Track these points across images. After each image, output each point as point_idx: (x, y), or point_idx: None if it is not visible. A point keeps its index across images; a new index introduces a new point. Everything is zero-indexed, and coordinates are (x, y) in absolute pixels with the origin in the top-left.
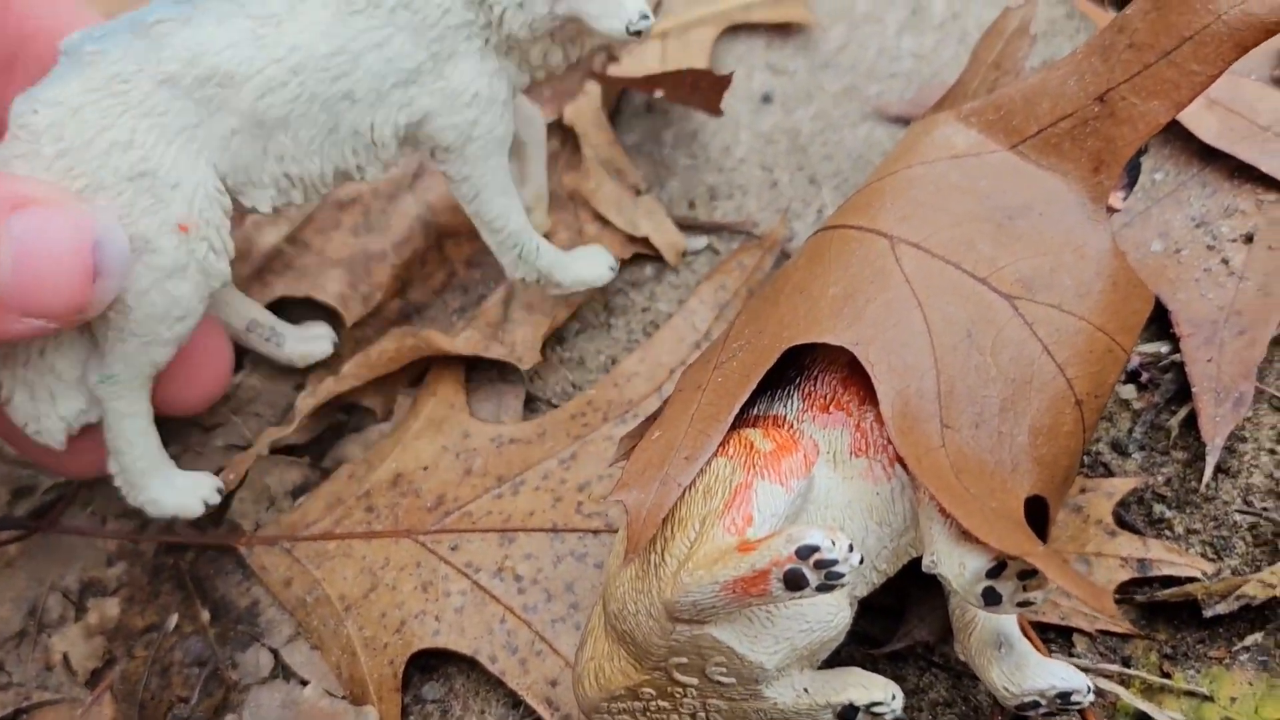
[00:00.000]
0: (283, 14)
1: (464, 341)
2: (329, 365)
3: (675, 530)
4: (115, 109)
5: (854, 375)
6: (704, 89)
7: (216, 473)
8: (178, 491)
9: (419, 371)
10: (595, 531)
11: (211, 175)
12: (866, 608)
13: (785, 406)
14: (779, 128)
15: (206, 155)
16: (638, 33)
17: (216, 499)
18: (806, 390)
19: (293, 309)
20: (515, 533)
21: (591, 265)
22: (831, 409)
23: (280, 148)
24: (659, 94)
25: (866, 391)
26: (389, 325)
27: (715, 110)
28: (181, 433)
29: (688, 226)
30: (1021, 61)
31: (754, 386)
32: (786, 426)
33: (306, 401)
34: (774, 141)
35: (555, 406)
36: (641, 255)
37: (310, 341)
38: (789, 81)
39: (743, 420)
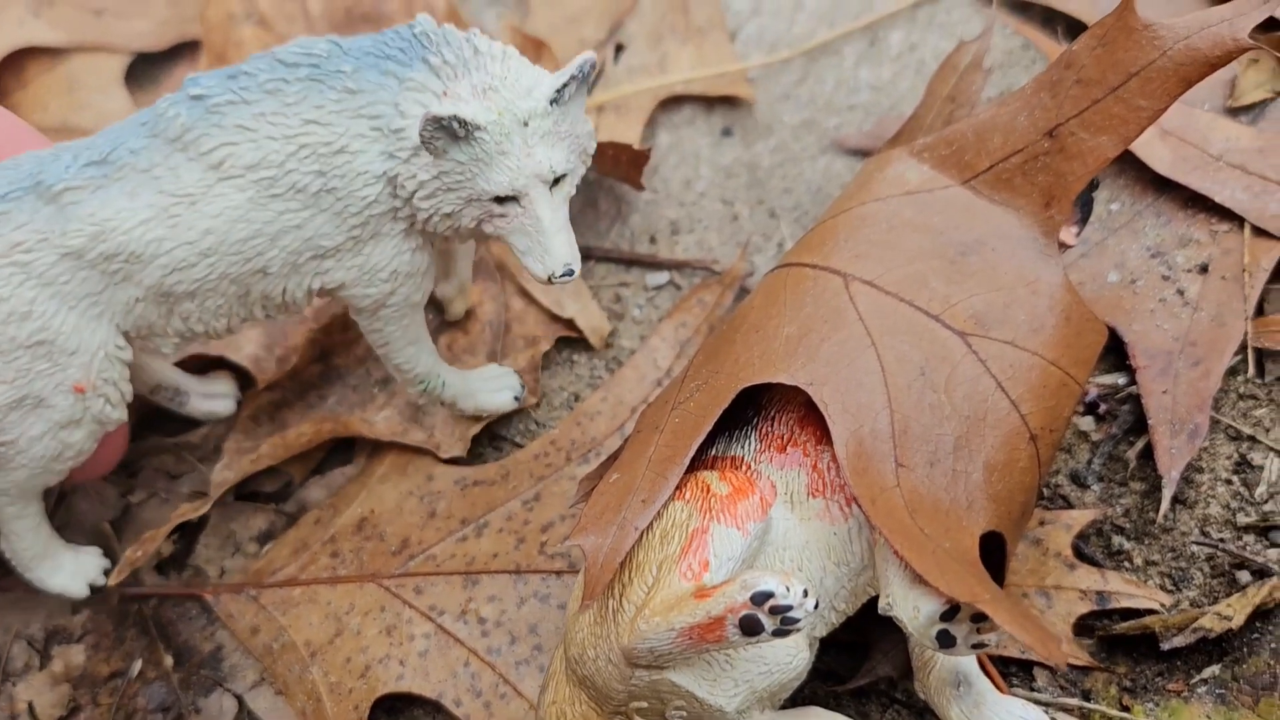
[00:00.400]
0: (197, 194)
1: (383, 425)
2: (247, 434)
3: (633, 575)
4: (15, 278)
5: (811, 415)
6: (625, 163)
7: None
8: (64, 574)
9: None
10: (558, 573)
11: (113, 334)
12: (829, 644)
13: (743, 447)
14: (739, 161)
15: (109, 317)
16: (560, 282)
17: (102, 581)
18: (764, 430)
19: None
20: (479, 575)
21: (494, 394)
22: (788, 449)
23: (186, 312)
24: None
25: (823, 431)
26: (307, 390)
27: (637, 185)
28: (149, 479)
29: (649, 263)
30: (976, 95)
31: (710, 428)
32: (744, 468)
33: (223, 476)
34: (734, 175)
35: (519, 445)
36: (566, 338)
37: (213, 400)
38: (748, 114)
39: (701, 461)
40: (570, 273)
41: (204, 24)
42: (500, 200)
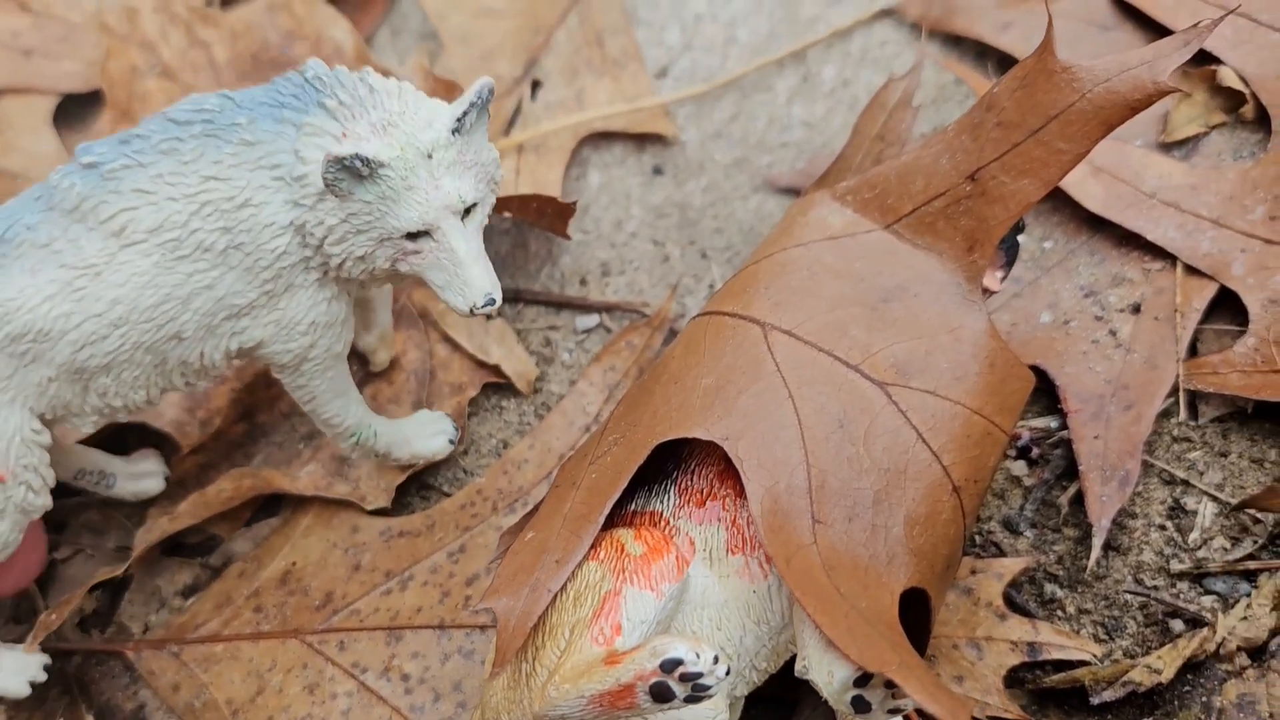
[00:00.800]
0: (101, 264)
1: (306, 480)
2: (169, 496)
3: (546, 639)
4: None
5: (731, 468)
6: (550, 214)
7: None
8: (5, 674)
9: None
10: (483, 628)
11: (28, 419)
12: (757, 699)
13: (662, 502)
14: (670, 200)
15: (21, 401)
16: (482, 314)
17: (43, 677)
18: (683, 485)
19: (122, 441)
20: (402, 630)
21: (428, 440)
22: (708, 504)
23: (103, 387)
24: (507, 215)
25: (743, 486)
26: (232, 450)
27: (563, 234)
28: (75, 535)
29: (579, 305)
30: (906, 133)
31: (625, 484)
32: (662, 524)
33: (144, 537)
34: (665, 215)
35: (445, 494)
36: (494, 384)
37: (141, 480)
38: (680, 153)
39: (620, 516)
40: (492, 301)
41: (105, 79)
42: (412, 236)
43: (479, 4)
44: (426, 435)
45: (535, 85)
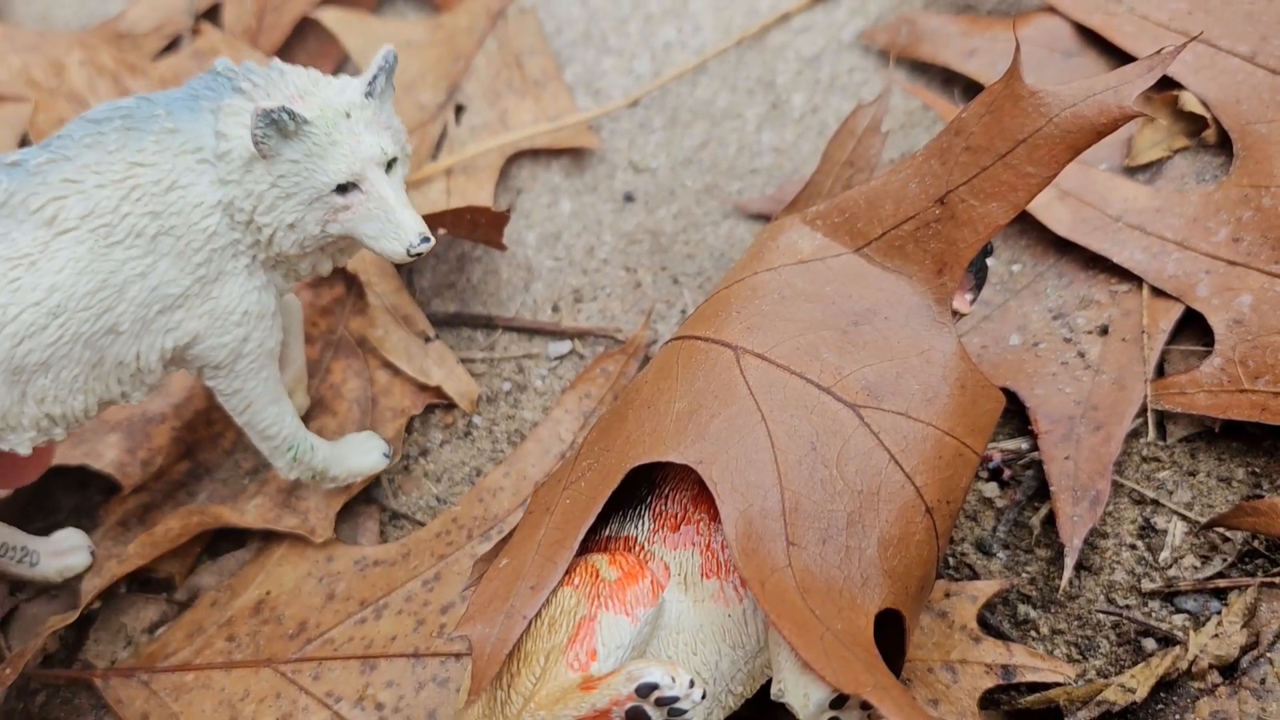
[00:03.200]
0: (35, 253)
1: (254, 513)
2: (120, 542)
3: (520, 665)
4: None
5: (705, 492)
6: (484, 225)
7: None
8: None
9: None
10: (457, 656)
11: None
12: None
13: (636, 527)
14: (642, 227)
15: None
16: (418, 254)
17: None
18: (657, 509)
19: (63, 481)
20: (377, 659)
21: (364, 455)
22: (682, 528)
23: (41, 391)
24: (442, 232)
25: (717, 510)
26: (175, 488)
27: (498, 245)
28: None
29: (551, 332)
30: (875, 158)
31: (599, 510)
32: (637, 549)
33: (92, 583)
34: (637, 241)
35: (419, 523)
36: (435, 405)
37: (66, 555)
38: (651, 180)
39: (594, 542)
40: (426, 239)
41: (33, 132)
42: (342, 190)
43: (398, 37)
44: (361, 452)
45: (459, 110)
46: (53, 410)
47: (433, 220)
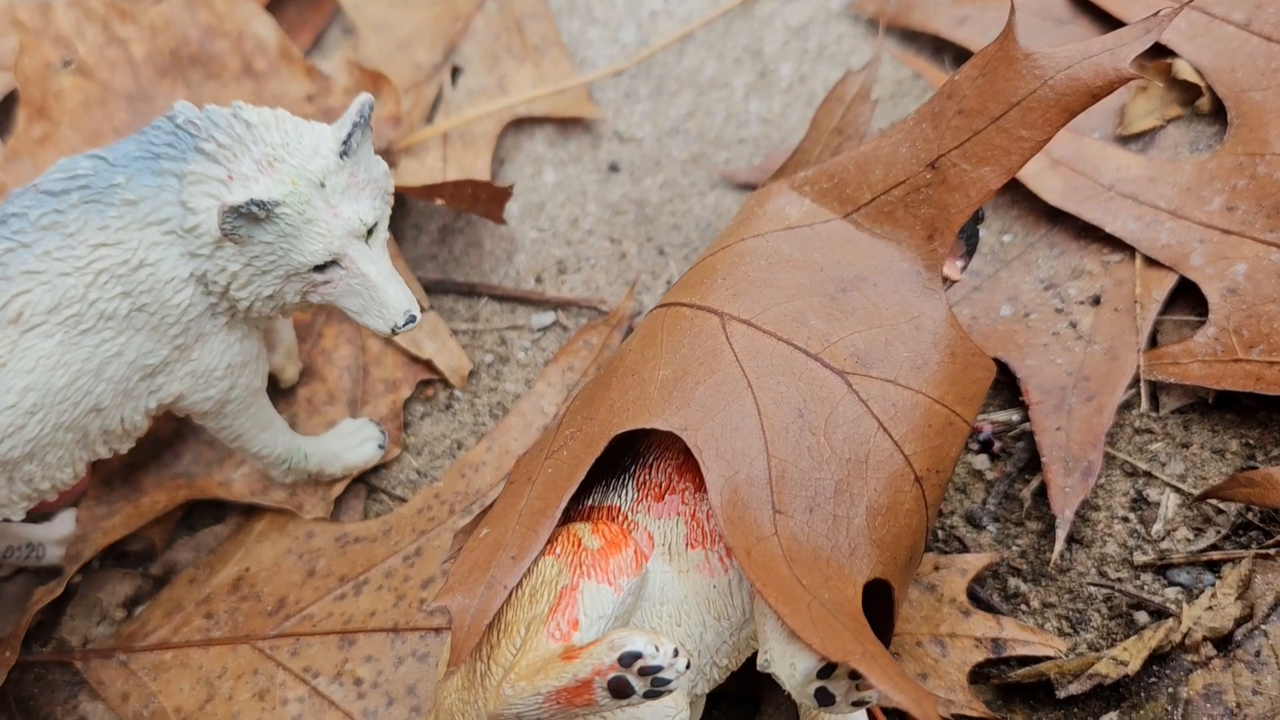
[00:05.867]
0: (3, 354)
1: (241, 485)
2: (104, 501)
3: (501, 636)
4: None
5: (689, 461)
6: (485, 200)
7: None
8: None
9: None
10: (437, 630)
11: None
12: (719, 697)
13: (620, 496)
14: (627, 198)
15: None
16: (405, 331)
17: None
18: (641, 479)
19: None
20: (355, 635)
21: (359, 450)
22: (666, 497)
23: (28, 474)
24: (439, 202)
25: (702, 479)
26: (160, 449)
27: (498, 219)
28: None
29: (534, 302)
30: (864, 126)
31: (582, 478)
32: (620, 518)
33: (76, 549)
34: (622, 212)
35: (400, 499)
36: (427, 380)
37: (68, 544)
38: (636, 150)
39: (577, 511)
40: (413, 319)
41: (19, 76)
42: (320, 269)
43: None
44: (354, 445)
45: (456, 72)
46: (41, 486)
47: (433, 191)
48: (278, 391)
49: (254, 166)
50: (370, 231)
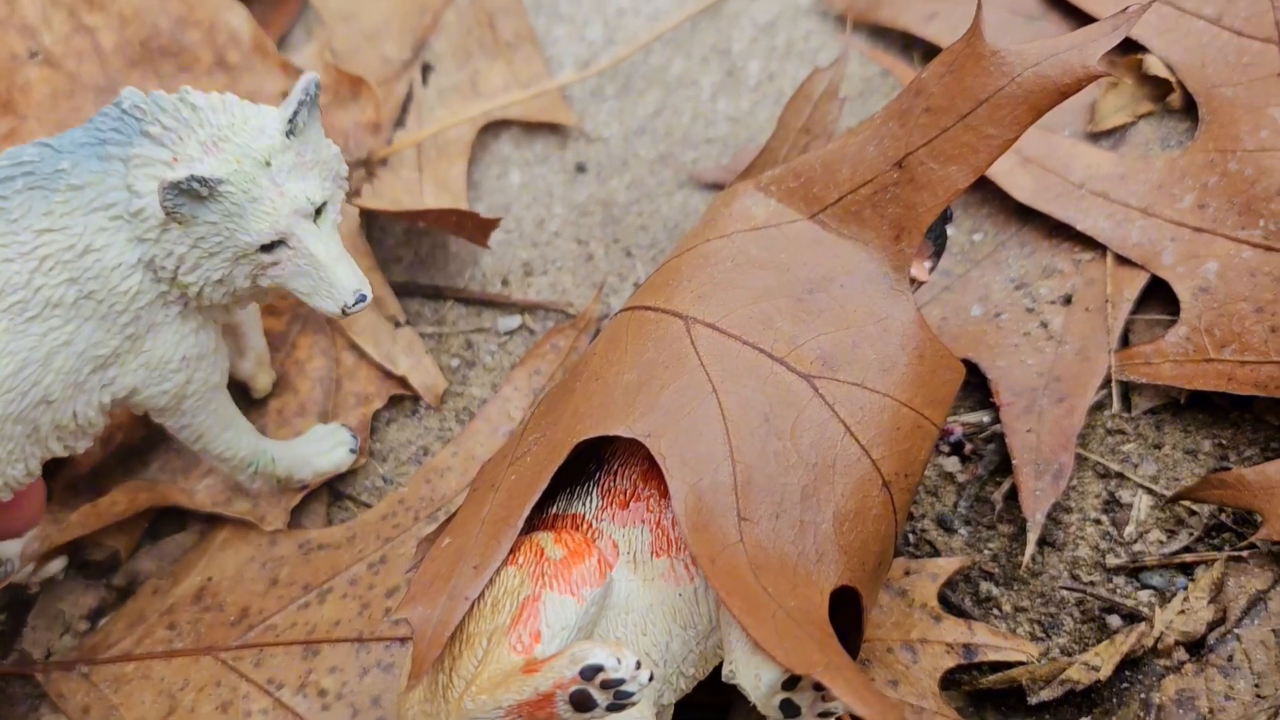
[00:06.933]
0: None
1: (204, 494)
2: (68, 507)
3: (463, 648)
4: None
5: (655, 469)
6: (471, 227)
7: None
8: None
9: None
10: (403, 640)
11: None
12: (686, 707)
13: (584, 504)
14: (594, 198)
15: None
16: (355, 311)
17: None
18: (606, 485)
19: None
20: (319, 645)
21: (329, 454)
22: (631, 505)
23: None
24: (422, 225)
25: (667, 486)
26: (128, 455)
27: (482, 245)
28: None
29: (501, 304)
30: (832, 125)
31: (545, 485)
32: (585, 527)
33: (30, 547)
34: (589, 213)
35: (365, 505)
36: (399, 396)
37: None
38: (603, 149)
39: (541, 520)
40: (363, 298)
41: None
42: (268, 249)
43: None
44: (326, 450)
45: (426, 69)
46: None
47: (417, 217)
48: (249, 403)
49: (199, 148)
50: (319, 212)
